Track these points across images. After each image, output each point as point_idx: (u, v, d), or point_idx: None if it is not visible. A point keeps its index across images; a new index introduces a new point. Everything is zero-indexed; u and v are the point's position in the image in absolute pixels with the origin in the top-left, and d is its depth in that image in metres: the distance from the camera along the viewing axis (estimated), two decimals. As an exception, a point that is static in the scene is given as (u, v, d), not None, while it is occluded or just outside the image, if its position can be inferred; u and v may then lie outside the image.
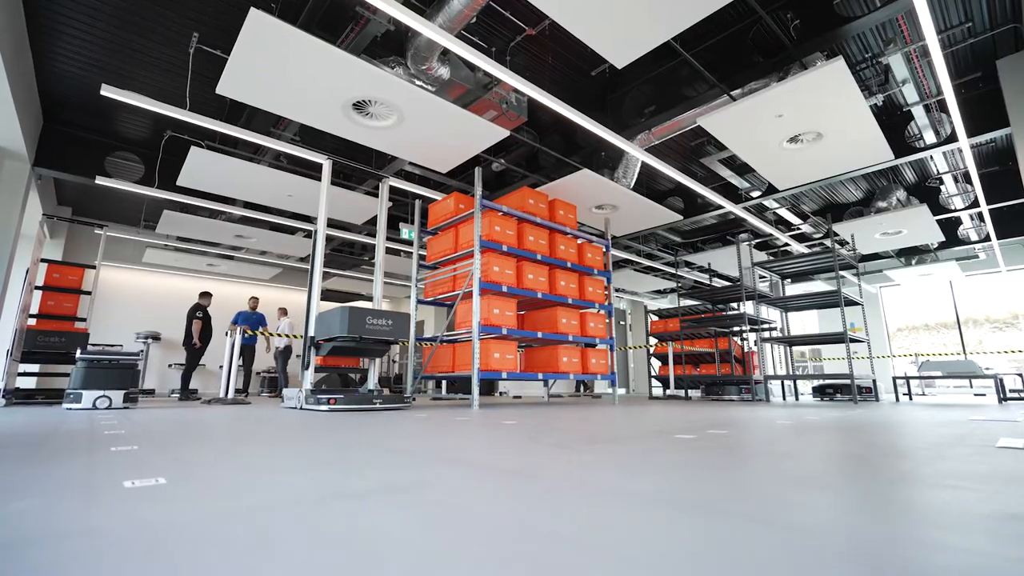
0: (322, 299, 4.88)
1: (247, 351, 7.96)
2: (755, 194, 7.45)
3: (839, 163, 5.64)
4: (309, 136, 6.26)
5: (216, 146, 6.07)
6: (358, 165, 6.26)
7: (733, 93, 4.73)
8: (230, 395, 5.77)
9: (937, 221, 8.06)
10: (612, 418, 3.23)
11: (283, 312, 9.30)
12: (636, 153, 5.52)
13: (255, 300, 8.16)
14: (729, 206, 7.10)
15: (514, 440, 1.88)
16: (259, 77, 3.96)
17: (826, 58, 4.42)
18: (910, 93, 5.04)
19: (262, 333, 7.75)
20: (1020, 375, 6.15)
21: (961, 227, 9.52)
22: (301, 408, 4.17)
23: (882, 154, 5.38)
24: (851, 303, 6.34)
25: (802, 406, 5.12)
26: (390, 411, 4.02)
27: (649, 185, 8.20)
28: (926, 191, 8.15)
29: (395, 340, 4.51)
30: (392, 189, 7.13)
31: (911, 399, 6.99)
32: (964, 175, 7.27)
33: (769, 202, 7.95)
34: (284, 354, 9.09)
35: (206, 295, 7.48)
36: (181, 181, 6.08)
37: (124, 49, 5.01)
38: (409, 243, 8.65)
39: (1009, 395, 5.86)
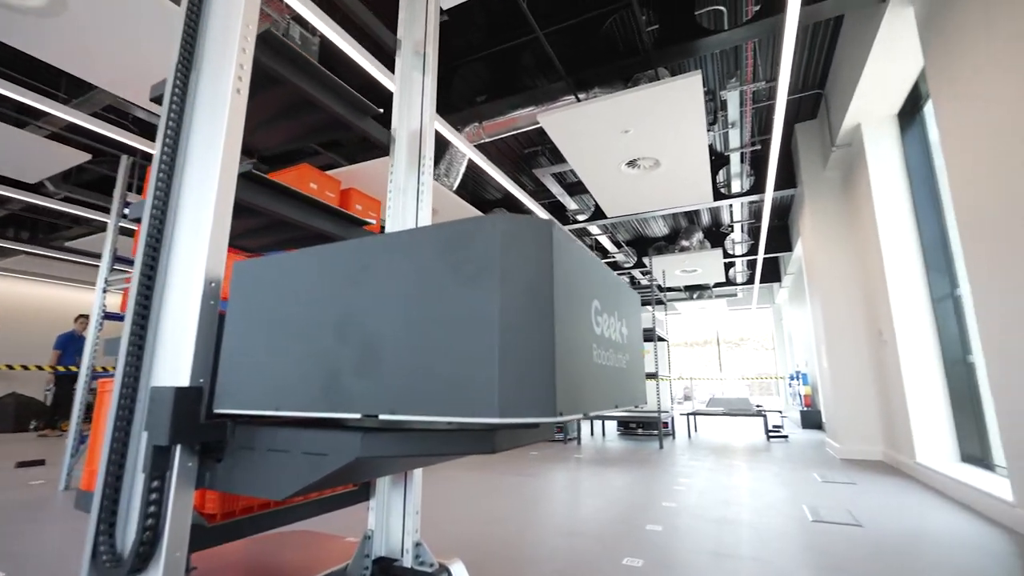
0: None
1: None
2: (581, 217, 7.07)
3: (668, 197, 5.42)
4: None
5: None
6: (24, 92, 3.78)
7: (579, 96, 3.95)
8: None
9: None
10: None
11: None
12: (463, 147, 4.39)
13: None
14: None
15: None
16: None
17: (672, 75, 3.95)
18: (734, 138, 5.00)
19: None
20: (780, 412, 6.85)
21: (732, 270, 10.96)
22: None
23: (705, 196, 5.30)
24: (660, 339, 6.28)
25: (622, 459, 4.60)
26: None
27: (475, 192, 7.23)
28: (715, 236, 8.95)
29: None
30: (99, 137, 4.69)
31: (697, 431, 7.34)
32: (751, 226, 8.07)
33: (593, 228, 7.73)
34: None
35: None
36: None
37: None
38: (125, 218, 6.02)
39: (771, 432, 6.38)
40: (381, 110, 1.72)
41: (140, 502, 0.85)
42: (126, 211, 3.94)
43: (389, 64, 4.06)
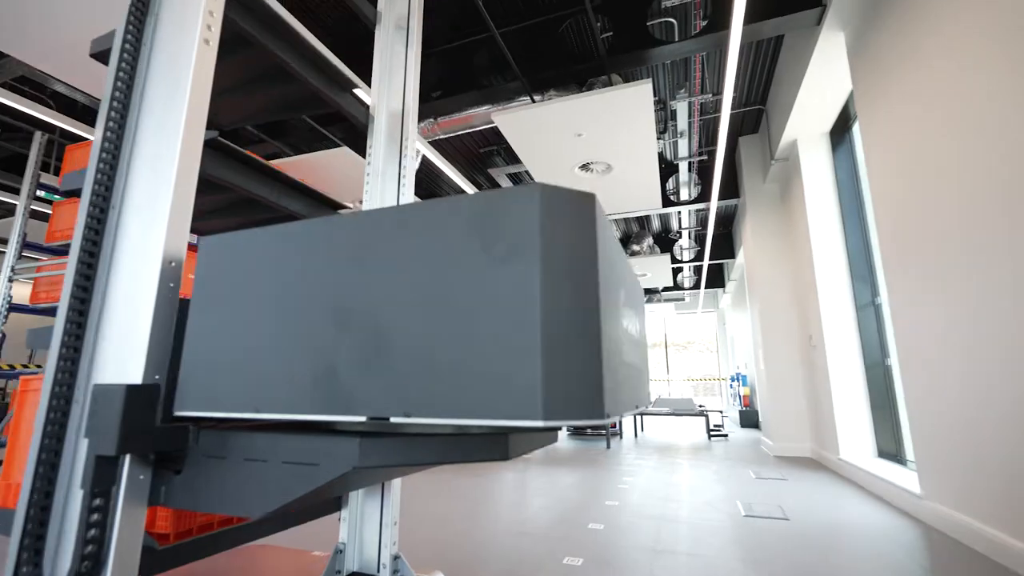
0: None
1: None
2: (536, 219, 7.12)
3: (619, 202, 5.54)
4: None
5: None
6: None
7: (535, 97, 3.96)
8: None
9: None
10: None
11: None
12: (416, 143, 4.30)
13: None
14: (511, 228, 6.52)
15: None
16: None
17: (625, 82, 4.05)
18: (683, 147, 5.18)
19: None
20: (721, 412, 7.16)
21: (680, 275, 11.37)
22: None
23: (655, 201, 5.46)
24: (610, 342, 6.41)
25: (570, 459, 4.65)
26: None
27: (428, 189, 7.13)
28: (665, 241, 9.26)
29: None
30: (9, 111, 4.25)
31: (644, 431, 7.54)
32: (698, 233, 8.39)
33: (547, 230, 7.79)
34: None
35: None
36: None
37: None
38: (44, 201, 5.48)
39: (712, 431, 6.66)
40: (357, 88, 1.60)
41: (78, 523, 0.71)
42: (40, 192, 3.58)
43: (354, 50, 3.93)
